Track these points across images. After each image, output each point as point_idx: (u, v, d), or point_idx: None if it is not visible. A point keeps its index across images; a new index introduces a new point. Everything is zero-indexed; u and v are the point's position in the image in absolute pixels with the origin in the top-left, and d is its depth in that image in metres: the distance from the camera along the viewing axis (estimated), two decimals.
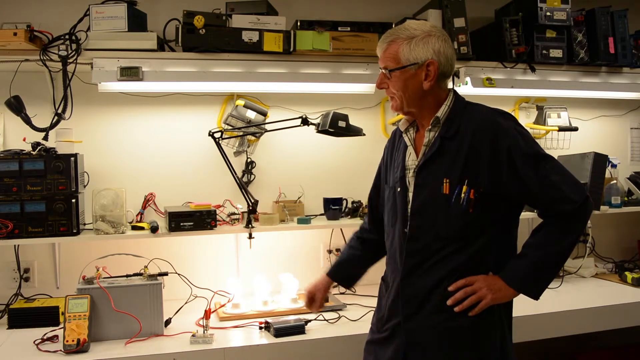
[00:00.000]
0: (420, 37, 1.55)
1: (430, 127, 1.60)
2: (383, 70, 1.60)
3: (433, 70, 1.55)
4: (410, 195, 1.61)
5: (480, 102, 1.66)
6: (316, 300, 1.93)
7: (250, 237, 2.38)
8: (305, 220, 2.49)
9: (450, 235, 1.55)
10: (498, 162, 1.52)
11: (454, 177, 1.54)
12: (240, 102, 2.50)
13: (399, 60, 1.56)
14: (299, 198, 2.64)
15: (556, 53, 2.62)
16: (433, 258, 1.57)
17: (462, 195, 1.52)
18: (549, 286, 1.61)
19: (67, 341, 1.85)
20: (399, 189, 1.64)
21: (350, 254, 1.92)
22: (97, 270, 2.07)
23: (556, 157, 3.07)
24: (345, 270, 1.93)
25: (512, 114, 1.64)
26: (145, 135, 2.55)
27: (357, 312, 2.25)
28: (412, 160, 1.64)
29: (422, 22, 1.62)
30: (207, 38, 2.25)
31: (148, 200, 2.49)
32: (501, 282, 1.56)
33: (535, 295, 1.59)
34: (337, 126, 2.31)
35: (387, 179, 1.77)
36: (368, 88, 2.53)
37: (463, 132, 1.55)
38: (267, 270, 2.53)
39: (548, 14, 2.57)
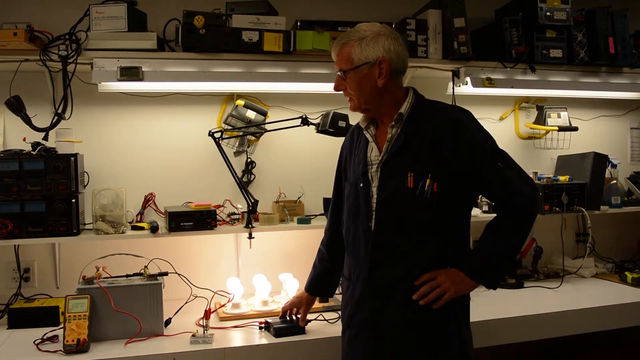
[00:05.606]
0: (370, 37, 1.61)
1: (393, 123, 1.65)
2: (339, 73, 1.66)
3: (385, 67, 1.61)
4: (374, 189, 1.65)
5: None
6: (302, 315, 2.04)
7: (250, 237, 2.38)
8: (305, 220, 2.49)
9: (415, 227, 1.60)
10: (459, 156, 1.58)
11: (418, 171, 1.59)
12: (240, 102, 2.50)
13: (352, 61, 1.63)
14: (299, 198, 2.64)
15: (556, 53, 2.62)
16: (398, 251, 1.61)
17: (426, 188, 1.57)
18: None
19: (67, 341, 1.85)
20: (361, 184, 1.68)
21: (323, 267, 2.00)
22: (97, 270, 2.07)
23: (556, 157, 3.09)
24: (323, 284, 2.04)
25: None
26: (145, 135, 2.55)
27: None
28: (374, 155, 1.69)
29: (372, 23, 1.67)
30: (207, 38, 2.25)
31: (148, 200, 2.49)
32: (462, 274, 1.62)
33: (494, 286, 1.68)
34: (337, 126, 2.31)
35: (346, 175, 1.81)
36: None
37: (425, 127, 1.61)
38: (267, 270, 2.53)
39: (548, 14, 2.57)
